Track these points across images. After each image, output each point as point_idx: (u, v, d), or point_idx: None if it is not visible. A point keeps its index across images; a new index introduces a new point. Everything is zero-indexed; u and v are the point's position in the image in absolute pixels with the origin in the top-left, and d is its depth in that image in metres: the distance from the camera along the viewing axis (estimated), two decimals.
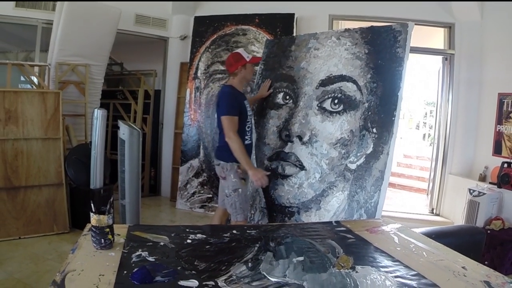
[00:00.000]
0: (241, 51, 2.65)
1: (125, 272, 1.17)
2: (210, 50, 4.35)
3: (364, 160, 2.57)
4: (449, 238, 1.97)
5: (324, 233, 1.65)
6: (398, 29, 2.55)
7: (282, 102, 3.05)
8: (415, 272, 1.26)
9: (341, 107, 2.72)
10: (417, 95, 9.27)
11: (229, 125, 2.44)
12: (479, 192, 3.36)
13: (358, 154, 2.60)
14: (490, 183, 3.54)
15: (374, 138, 2.54)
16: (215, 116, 2.64)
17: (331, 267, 1.28)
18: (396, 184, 6.16)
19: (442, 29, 4.24)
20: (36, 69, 3.86)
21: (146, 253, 1.33)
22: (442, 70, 4.26)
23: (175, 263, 1.27)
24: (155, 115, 5.03)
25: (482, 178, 3.74)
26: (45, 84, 3.75)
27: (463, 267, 1.32)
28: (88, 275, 1.14)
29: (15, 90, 3.32)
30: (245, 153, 2.48)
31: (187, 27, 4.65)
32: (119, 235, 1.46)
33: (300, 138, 2.87)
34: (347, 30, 2.84)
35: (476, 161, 4.00)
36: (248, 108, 2.63)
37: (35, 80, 3.90)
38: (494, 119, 3.70)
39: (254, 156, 3.06)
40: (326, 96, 2.79)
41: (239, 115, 2.50)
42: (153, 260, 1.28)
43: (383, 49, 2.59)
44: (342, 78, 2.74)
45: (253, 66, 2.78)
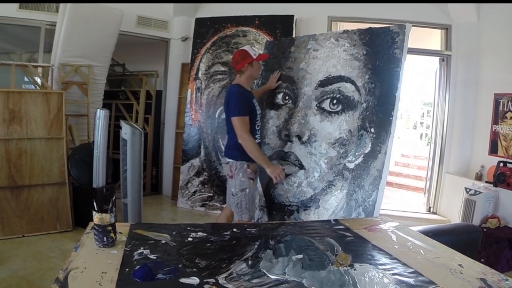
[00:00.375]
0: (248, 48, 2.56)
1: (127, 270, 1.17)
2: (211, 51, 4.35)
3: (362, 160, 2.57)
4: (446, 236, 1.97)
5: (323, 231, 1.65)
6: (396, 31, 2.55)
7: (282, 103, 3.05)
8: (413, 270, 1.26)
9: (340, 107, 2.72)
10: (415, 96, 9.27)
11: (241, 126, 2.36)
12: (476, 191, 3.36)
13: (357, 154, 2.60)
14: (486, 182, 3.54)
15: (372, 138, 2.54)
16: (216, 116, 2.62)
17: (330, 265, 1.28)
18: (394, 183, 6.16)
19: (439, 31, 4.24)
20: (40, 70, 3.86)
21: (148, 251, 1.33)
22: (439, 71, 4.26)
23: (176, 261, 1.27)
24: (157, 115, 5.03)
25: (479, 177, 3.74)
26: (49, 85, 3.75)
27: (460, 265, 1.32)
28: (91, 273, 1.14)
29: (19, 91, 3.32)
30: (261, 152, 2.46)
31: (188, 29, 4.65)
32: (121, 233, 1.46)
33: (300, 138, 2.87)
34: (346, 32, 2.83)
35: (473, 161, 4.00)
36: (257, 107, 2.56)
37: (39, 81, 3.90)
38: (490, 119, 3.69)
39: None
40: (325, 97, 2.79)
41: (249, 115, 2.43)
42: (155, 258, 1.28)
43: (381, 50, 2.59)
44: (341, 79, 2.74)
45: (260, 64, 2.68)
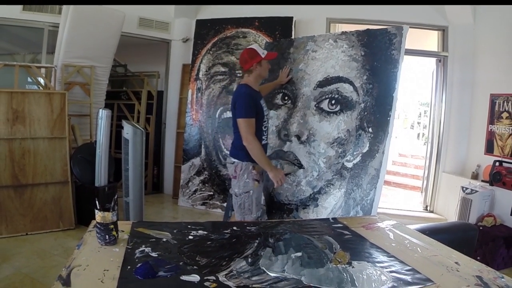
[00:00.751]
0: (256, 47, 2.44)
1: (129, 267, 1.17)
2: (211, 52, 4.35)
3: (360, 159, 2.57)
4: (443, 234, 1.97)
5: (322, 230, 1.65)
6: (394, 32, 2.55)
7: (281, 103, 3.05)
8: (410, 267, 1.26)
9: (338, 108, 2.72)
10: (412, 96, 9.26)
11: (247, 128, 2.27)
12: (472, 190, 3.36)
13: (355, 153, 2.60)
14: (482, 181, 3.55)
15: (370, 138, 2.54)
16: (216, 116, 2.58)
17: (328, 263, 1.28)
18: (392, 182, 6.16)
19: (436, 32, 4.24)
20: (43, 71, 3.86)
21: (149, 249, 1.33)
22: (436, 72, 4.26)
23: (177, 259, 1.27)
24: (158, 115, 5.02)
25: (475, 176, 3.74)
26: (52, 85, 3.74)
27: (456, 263, 1.32)
28: (93, 270, 1.13)
29: (23, 91, 3.32)
30: (265, 155, 2.36)
31: (189, 30, 4.65)
32: (123, 232, 1.46)
33: (299, 138, 2.87)
34: (344, 33, 2.83)
35: (469, 160, 4.00)
36: (265, 108, 2.47)
37: (42, 81, 3.90)
38: (486, 119, 3.70)
39: None
40: (324, 97, 2.79)
41: (256, 116, 2.33)
42: (156, 256, 1.28)
43: (379, 51, 2.59)
44: (339, 80, 2.74)
45: (268, 63, 2.57)
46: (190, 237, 1.50)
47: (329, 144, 2.72)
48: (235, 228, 1.64)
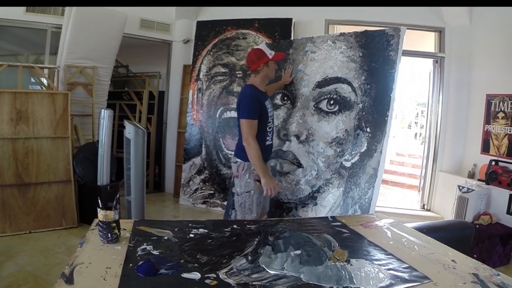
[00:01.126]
0: (263, 48, 2.38)
1: (131, 265, 1.17)
2: (212, 53, 4.35)
3: (359, 158, 2.57)
4: (440, 233, 1.97)
5: (321, 228, 1.65)
6: (391, 33, 2.54)
7: (281, 103, 3.05)
8: (407, 265, 1.26)
9: (337, 108, 2.72)
10: (409, 96, 9.26)
11: (248, 129, 2.23)
12: (468, 189, 3.36)
13: (353, 152, 2.60)
14: (479, 180, 3.55)
15: (368, 137, 2.54)
16: (217, 116, 2.56)
17: (327, 260, 1.28)
18: (389, 181, 6.16)
19: (433, 33, 4.24)
20: (46, 71, 3.86)
21: (151, 247, 1.33)
22: (433, 72, 4.26)
23: (179, 257, 1.27)
24: (159, 115, 5.02)
25: (471, 175, 3.74)
26: (54, 86, 3.74)
27: (453, 260, 1.32)
28: (96, 268, 1.14)
29: (26, 91, 3.32)
30: (261, 160, 2.27)
31: (190, 31, 4.64)
32: (125, 230, 1.46)
33: (298, 137, 2.87)
34: (342, 34, 2.83)
35: (465, 159, 4.00)
36: (270, 109, 2.41)
37: (45, 82, 3.89)
38: (482, 119, 3.70)
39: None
40: (322, 97, 2.79)
41: (260, 117, 2.28)
42: (158, 254, 1.28)
43: (377, 52, 2.59)
44: (338, 80, 2.74)
45: (276, 64, 2.51)
46: (191, 235, 1.50)
47: (328, 144, 2.72)
48: (235, 227, 1.64)
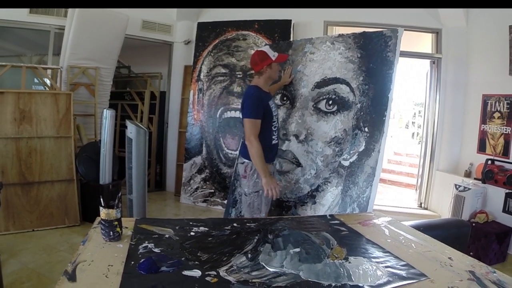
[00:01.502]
0: (267, 50, 2.37)
1: (133, 263, 1.17)
2: (212, 54, 4.34)
3: (357, 157, 2.56)
4: (437, 231, 1.96)
5: (319, 226, 1.65)
6: (389, 35, 2.54)
7: (280, 103, 3.05)
8: (405, 263, 1.26)
9: (335, 108, 2.72)
10: (407, 96, 9.26)
11: (251, 129, 2.22)
12: (465, 187, 3.36)
13: (351, 152, 2.60)
14: (475, 179, 3.55)
15: (366, 137, 2.54)
16: (217, 115, 2.55)
17: (326, 258, 1.28)
18: (387, 180, 6.16)
19: (430, 34, 4.24)
20: (49, 72, 3.86)
21: (152, 245, 1.32)
22: (430, 73, 4.26)
23: (179, 254, 1.27)
24: (161, 115, 5.02)
25: (468, 174, 3.74)
26: (57, 86, 3.74)
27: (450, 258, 1.32)
28: (98, 266, 1.13)
29: (29, 92, 3.32)
30: (263, 159, 2.24)
31: (191, 32, 4.64)
32: (127, 228, 1.46)
33: (297, 137, 2.87)
34: (341, 36, 2.83)
35: (462, 158, 4.00)
36: (274, 108, 2.40)
37: (48, 82, 3.89)
38: (479, 119, 3.70)
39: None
40: (321, 97, 2.79)
41: (265, 117, 2.28)
42: (159, 251, 1.28)
43: (375, 53, 2.59)
44: (336, 81, 2.74)
45: (279, 65, 2.52)
46: (192, 234, 1.49)
47: (327, 143, 2.72)
48: (235, 225, 1.64)
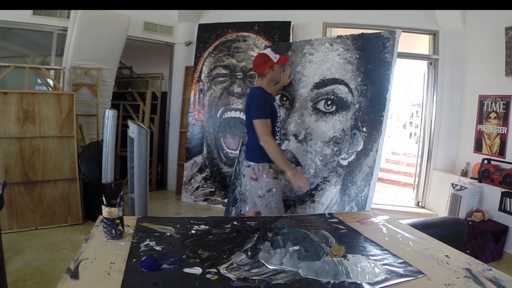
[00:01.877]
0: (268, 52, 2.40)
1: (134, 260, 1.17)
2: (213, 55, 4.34)
3: (355, 157, 2.56)
4: (434, 229, 1.96)
5: (318, 224, 1.65)
6: (387, 36, 2.54)
7: (280, 103, 3.04)
8: (402, 260, 1.26)
9: (334, 108, 2.72)
10: (404, 97, 9.26)
11: (263, 129, 2.20)
12: (461, 187, 3.36)
13: (350, 151, 2.60)
14: (472, 178, 3.55)
15: (364, 137, 2.54)
16: (218, 116, 2.53)
17: (325, 256, 1.28)
18: (385, 179, 6.16)
19: (427, 36, 4.23)
20: (52, 72, 3.85)
21: (154, 243, 1.32)
22: (427, 74, 4.26)
23: (180, 252, 1.27)
24: (162, 115, 5.02)
25: (464, 174, 3.74)
26: (60, 86, 3.74)
27: (446, 256, 1.32)
28: (100, 263, 1.13)
29: (32, 92, 3.32)
30: (282, 154, 2.25)
31: (192, 34, 4.64)
32: (129, 226, 1.46)
33: (296, 137, 2.87)
34: (340, 37, 2.83)
35: (459, 158, 4.00)
36: (277, 109, 2.43)
37: (51, 83, 3.89)
38: (475, 119, 3.70)
39: None
40: (320, 98, 2.79)
41: (270, 117, 2.27)
42: (160, 249, 1.28)
43: (373, 54, 2.59)
44: (335, 81, 2.74)
45: (281, 66, 2.53)
46: (193, 232, 1.50)
47: (325, 143, 2.72)
48: (236, 223, 1.64)
